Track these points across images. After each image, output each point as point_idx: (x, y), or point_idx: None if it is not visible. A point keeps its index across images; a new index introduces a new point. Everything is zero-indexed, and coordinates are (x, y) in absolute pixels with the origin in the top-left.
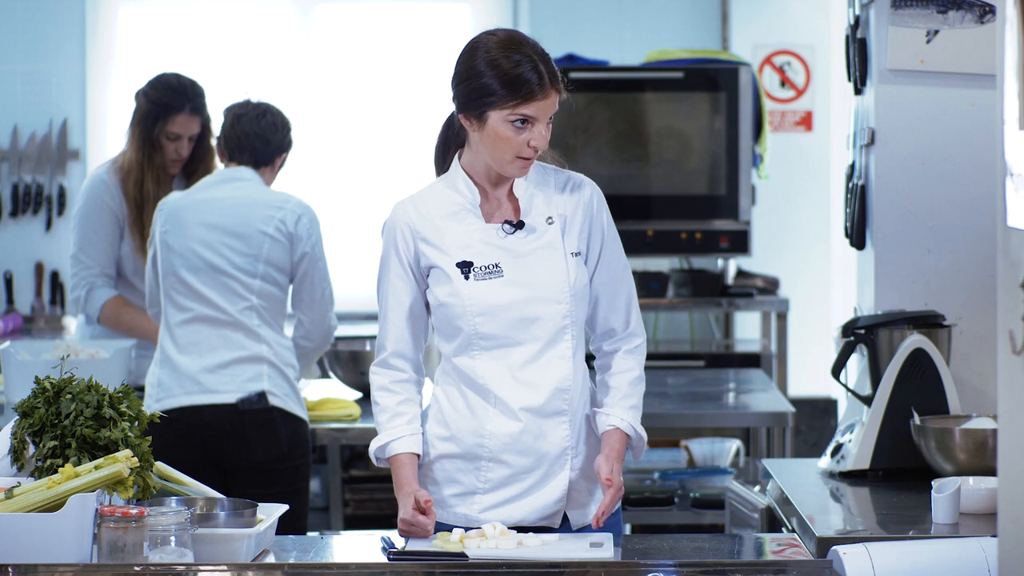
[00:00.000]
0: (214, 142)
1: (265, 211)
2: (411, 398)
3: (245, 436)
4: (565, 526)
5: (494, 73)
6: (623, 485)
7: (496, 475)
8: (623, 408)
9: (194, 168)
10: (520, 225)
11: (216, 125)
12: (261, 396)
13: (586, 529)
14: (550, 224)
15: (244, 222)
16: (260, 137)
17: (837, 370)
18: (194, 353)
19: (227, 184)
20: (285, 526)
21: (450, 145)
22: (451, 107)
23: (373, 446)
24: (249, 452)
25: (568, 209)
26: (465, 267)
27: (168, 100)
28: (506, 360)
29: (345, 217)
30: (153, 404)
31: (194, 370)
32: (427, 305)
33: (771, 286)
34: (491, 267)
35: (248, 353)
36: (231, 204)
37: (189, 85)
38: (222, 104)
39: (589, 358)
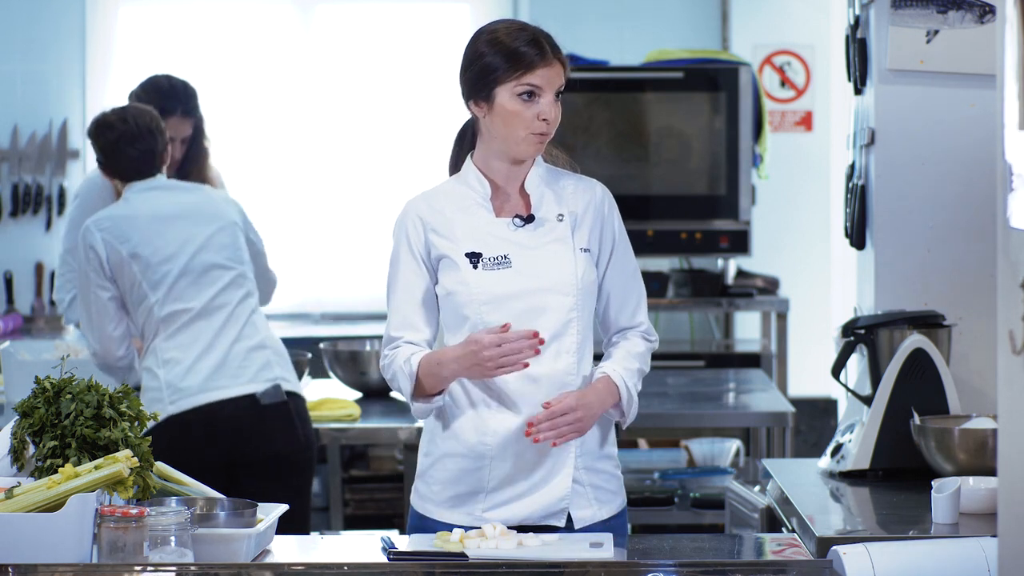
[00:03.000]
0: (207, 143)
1: (224, 204)
2: (418, 347)
3: (265, 428)
4: (569, 526)
5: (496, 50)
6: (586, 427)
7: (499, 473)
8: (619, 367)
9: (187, 170)
10: (530, 219)
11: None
12: (277, 388)
13: (591, 529)
14: (560, 221)
15: (215, 214)
16: (159, 143)
17: (837, 370)
18: (200, 350)
19: (165, 190)
20: (286, 525)
21: (464, 153)
22: (453, 106)
23: (406, 389)
24: (271, 444)
25: (579, 207)
26: (474, 257)
27: (159, 103)
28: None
29: (344, 217)
30: (168, 407)
31: (204, 368)
32: (438, 299)
33: (771, 286)
34: (500, 258)
35: (253, 343)
36: (193, 202)
37: (180, 87)
38: (219, 105)
39: (597, 358)
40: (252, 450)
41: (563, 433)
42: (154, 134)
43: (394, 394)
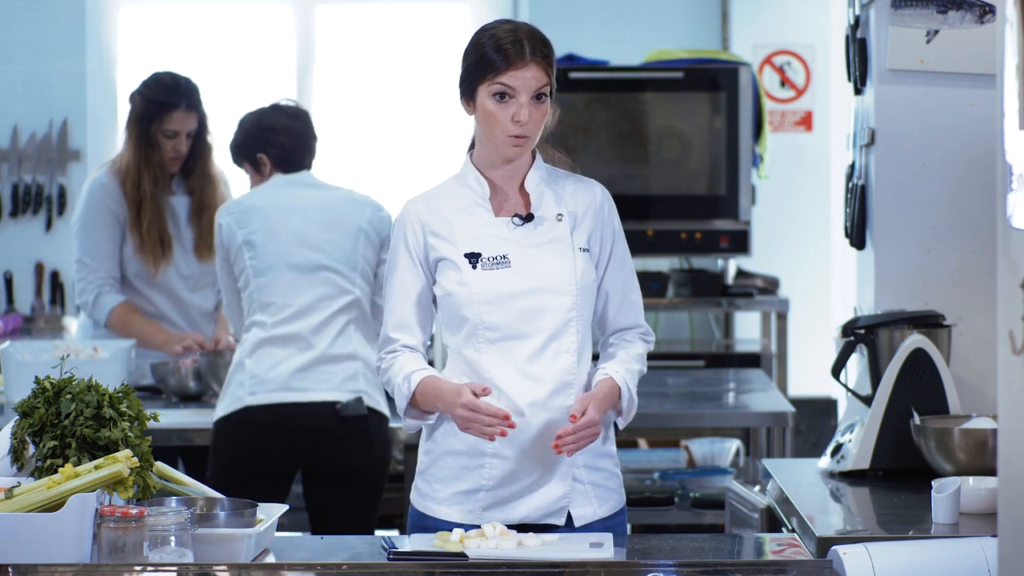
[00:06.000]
0: (210, 139)
1: (355, 207)
2: (416, 357)
3: (341, 440)
4: (568, 524)
5: (478, 50)
6: (600, 433)
7: (499, 472)
8: (622, 368)
9: (192, 165)
10: (529, 218)
11: (213, 127)
12: (359, 401)
13: (591, 527)
14: (559, 220)
15: (341, 216)
16: (315, 137)
17: (837, 370)
18: (292, 348)
19: (304, 187)
20: (356, 525)
21: None
22: (453, 106)
23: (400, 406)
24: (345, 457)
25: (578, 208)
26: (473, 257)
27: (164, 98)
28: (511, 354)
29: None
30: (246, 398)
31: (291, 366)
32: (434, 301)
33: (771, 286)
34: (499, 258)
35: (344, 352)
36: (323, 200)
37: (184, 82)
38: (219, 105)
39: (595, 358)
40: (327, 459)
41: (583, 443)
42: (310, 128)
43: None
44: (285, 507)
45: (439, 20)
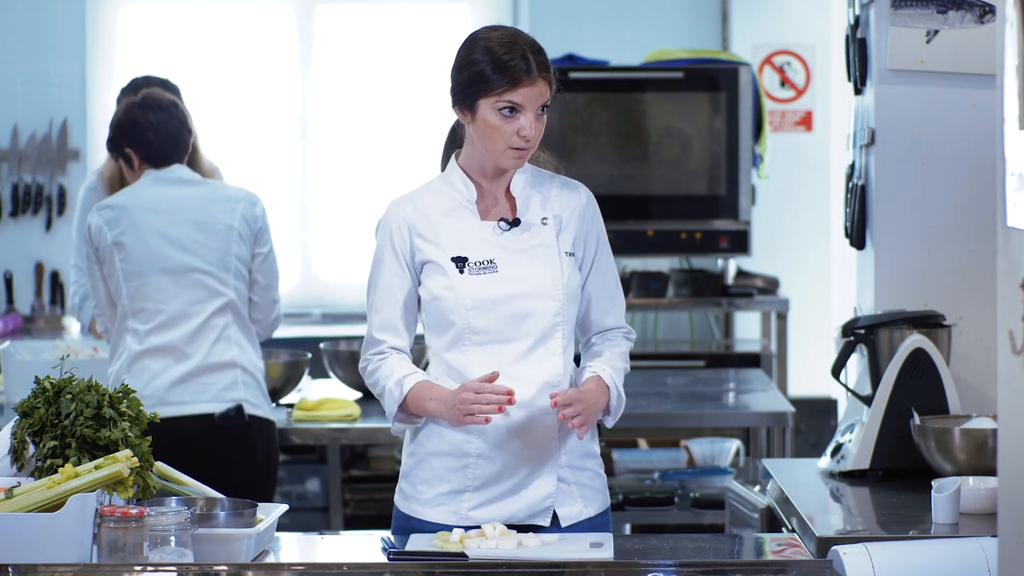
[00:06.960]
0: (192, 138)
1: (225, 204)
2: (405, 360)
3: (223, 451)
4: (554, 524)
5: (482, 62)
6: (589, 417)
7: (485, 472)
8: (608, 367)
9: None
10: (516, 223)
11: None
12: (239, 410)
13: (577, 527)
14: (545, 224)
15: (210, 215)
16: (189, 130)
17: (837, 370)
18: (167, 360)
19: (176, 184)
20: None
21: (455, 149)
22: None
23: (389, 409)
24: (228, 467)
25: (564, 211)
26: (460, 262)
27: None
28: (497, 356)
29: (344, 217)
30: None
31: (167, 379)
32: (419, 302)
33: (771, 286)
34: (486, 262)
35: (222, 360)
36: (192, 198)
37: (159, 84)
38: (219, 105)
39: (577, 358)
40: (209, 472)
41: (580, 413)
42: (182, 122)
43: None
44: (285, 507)
45: (439, 20)
